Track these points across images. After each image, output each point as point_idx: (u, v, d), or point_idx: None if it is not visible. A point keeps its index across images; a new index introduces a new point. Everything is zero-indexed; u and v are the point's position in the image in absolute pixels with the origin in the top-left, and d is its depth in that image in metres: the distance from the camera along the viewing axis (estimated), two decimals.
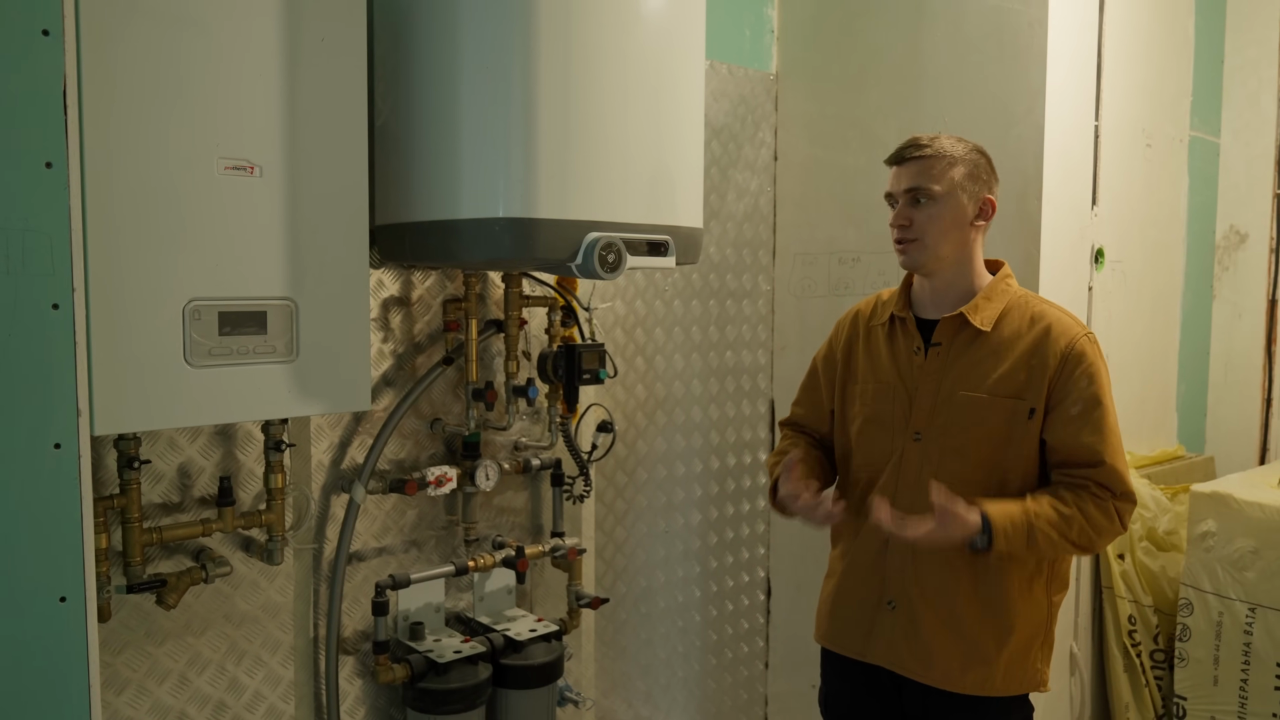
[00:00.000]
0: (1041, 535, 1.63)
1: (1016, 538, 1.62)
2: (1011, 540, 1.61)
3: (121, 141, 1.47)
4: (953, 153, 1.72)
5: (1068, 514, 1.64)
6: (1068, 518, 1.64)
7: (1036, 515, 1.63)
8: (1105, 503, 1.66)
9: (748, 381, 2.84)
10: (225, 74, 1.56)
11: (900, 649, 1.75)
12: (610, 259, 1.76)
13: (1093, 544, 1.69)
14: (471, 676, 2.02)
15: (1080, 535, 1.65)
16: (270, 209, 1.62)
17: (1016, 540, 1.62)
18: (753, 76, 2.76)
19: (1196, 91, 3.02)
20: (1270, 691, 2.41)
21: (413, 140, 1.78)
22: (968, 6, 2.39)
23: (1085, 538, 1.66)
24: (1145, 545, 2.65)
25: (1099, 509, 1.66)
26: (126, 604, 1.75)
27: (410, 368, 2.10)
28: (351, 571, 2.05)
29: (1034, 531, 1.62)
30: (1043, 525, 1.63)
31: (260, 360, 1.63)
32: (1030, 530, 1.62)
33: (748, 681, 2.91)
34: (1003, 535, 1.61)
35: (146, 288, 1.51)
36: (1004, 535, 1.61)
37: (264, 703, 1.94)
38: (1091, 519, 1.65)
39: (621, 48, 1.78)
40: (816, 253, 2.76)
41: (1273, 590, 2.39)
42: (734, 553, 2.84)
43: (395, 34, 1.82)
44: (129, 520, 1.68)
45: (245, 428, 1.87)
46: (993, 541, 1.61)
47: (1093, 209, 2.51)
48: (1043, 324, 1.72)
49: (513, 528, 2.31)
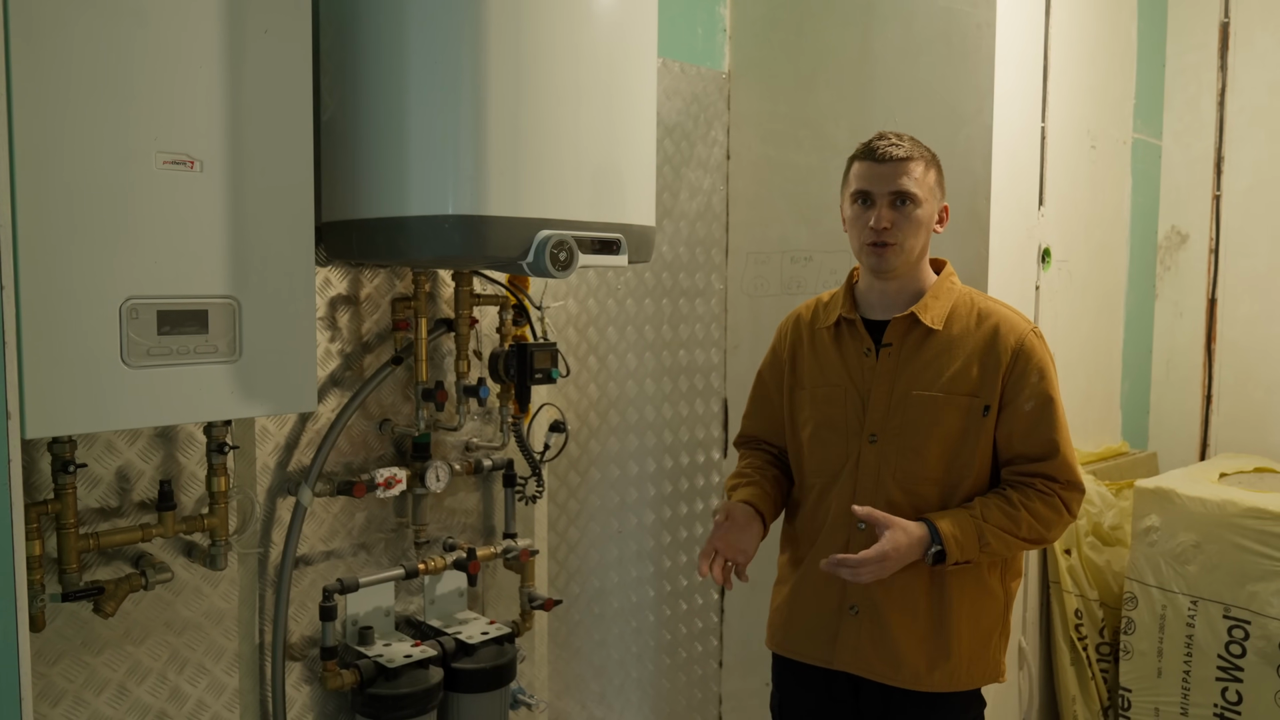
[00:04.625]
0: (993, 537, 1.66)
1: (969, 544, 1.65)
2: (964, 548, 1.64)
3: (54, 134, 1.42)
4: (926, 155, 1.74)
5: (1014, 514, 1.67)
6: (1015, 518, 1.67)
7: (984, 519, 1.66)
8: (1051, 497, 1.69)
9: (700, 380, 2.84)
10: (164, 65, 1.51)
11: (867, 653, 1.75)
12: (562, 257, 1.75)
13: (1043, 538, 1.72)
14: (422, 681, 1.99)
15: (1030, 531, 1.68)
16: (211, 205, 1.57)
17: (969, 547, 1.65)
18: (705, 75, 2.75)
19: (1139, 94, 3.08)
20: (1211, 682, 2.47)
21: (360, 135, 1.75)
22: (917, 8, 2.41)
23: (1035, 533, 1.69)
24: (1091, 540, 2.69)
25: (1044, 504, 1.69)
26: (62, 612, 1.70)
27: (358, 368, 2.06)
28: (298, 576, 2.01)
29: (984, 534, 1.65)
30: (992, 528, 1.66)
31: (201, 360, 1.58)
32: (980, 534, 1.65)
33: (702, 680, 2.91)
34: (954, 543, 1.64)
35: (81, 285, 1.46)
36: (955, 543, 1.64)
37: (207, 711, 1.90)
38: (1038, 515, 1.68)
39: (574, 44, 1.76)
40: (769, 251, 2.77)
41: (1214, 583, 2.45)
42: (687, 552, 2.84)
43: (342, 26, 1.78)
44: (64, 526, 1.63)
45: (187, 430, 1.82)
46: (945, 553, 1.64)
47: (1040, 209, 2.55)
48: (991, 321, 1.74)
49: (464, 529, 2.28)
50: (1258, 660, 2.39)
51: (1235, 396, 3.20)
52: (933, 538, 1.64)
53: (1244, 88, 3.15)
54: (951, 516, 1.66)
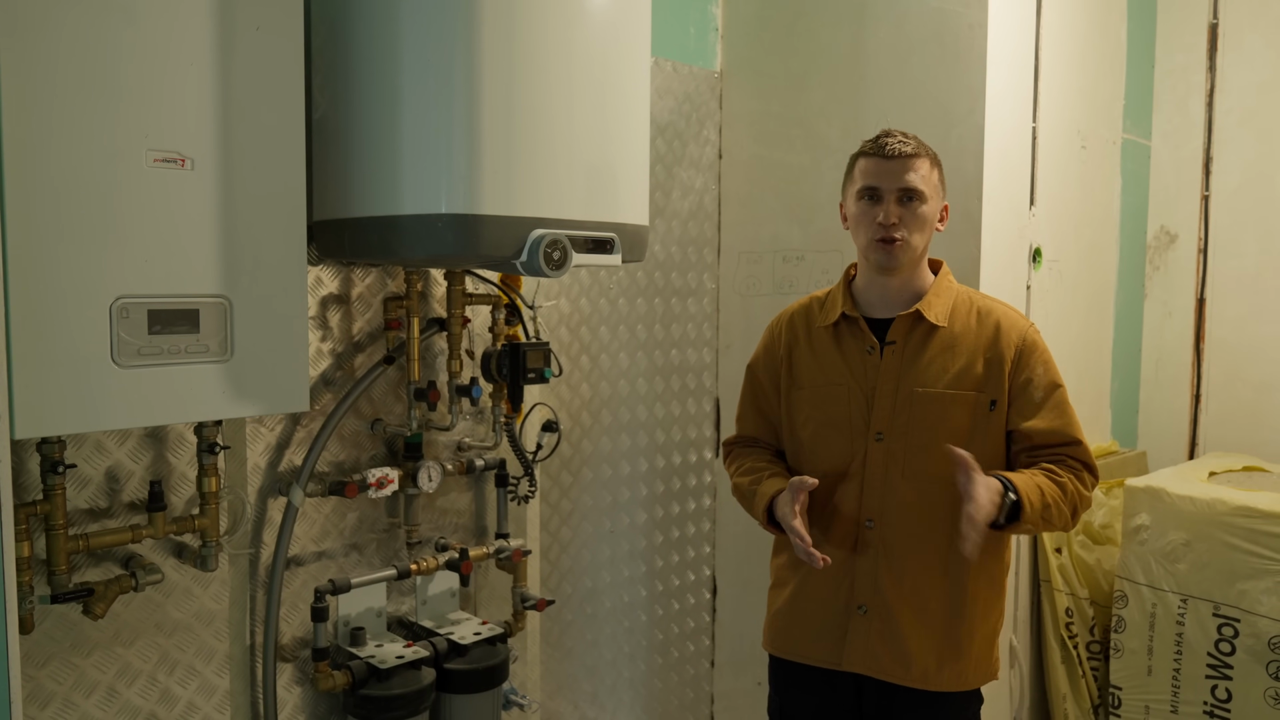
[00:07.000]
0: (1052, 502, 1.64)
1: (1035, 501, 1.61)
2: (1033, 504, 1.61)
3: (43, 132, 1.41)
4: (931, 154, 1.75)
5: (1062, 483, 1.67)
6: (1063, 486, 1.67)
7: (1044, 485, 1.64)
8: (1083, 475, 1.71)
9: (693, 380, 2.83)
10: (154, 62, 1.50)
11: (878, 653, 1.74)
12: (556, 256, 1.74)
13: (1078, 515, 1.71)
14: (414, 682, 1.99)
15: (1070, 502, 1.68)
16: (202, 203, 1.56)
17: (1037, 508, 1.61)
18: (697, 74, 2.75)
19: (1129, 95, 3.09)
20: (1201, 680, 2.48)
21: (352, 133, 1.74)
22: (910, 8, 2.41)
23: (1073, 504, 1.69)
24: (1081, 539, 2.70)
25: (1081, 482, 1.70)
26: (51, 614, 1.68)
27: (350, 367, 2.05)
28: (290, 577, 2.00)
29: (1045, 496, 1.63)
30: (1051, 493, 1.64)
31: (192, 360, 1.57)
32: (1042, 495, 1.63)
33: (694, 680, 2.91)
34: (1026, 499, 1.61)
35: (71, 285, 1.44)
36: (1027, 499, 1.61)
37: (198, 713, 1.88)
38: (1079, 490, 1.69)
39: (567, 42, 1.76)
40: (761, 251, 2.77)
41: (1203, 581, 2.46)
42: (680, 551, 2.84)
43: (334, 23, 1.77)
44: (53, 527, 1.61)
45: (177, 430, 1.81)
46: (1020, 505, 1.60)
47: (1031, 209, 2.55)
48: (992, 318, 1.75)
49: (456, 529, 2.27)
50: (1247, 658, 2.40)
51: (1224, 395, 3.21)
52: (1006, 487, 1.61)
53: (1233, 89, 3.17)
54: (1021, 476, 1.64)
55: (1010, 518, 1.61)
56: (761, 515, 1.79)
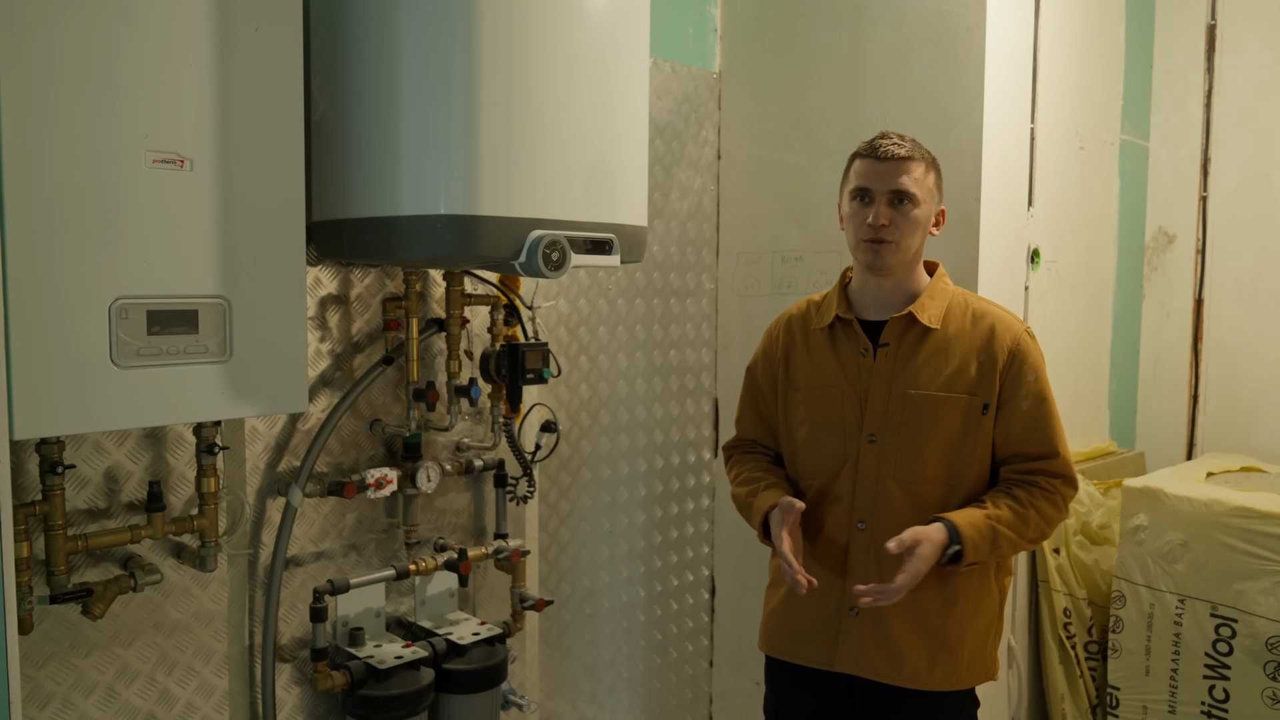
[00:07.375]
0: (1004, 539, 1.66)
1: (984, 545, 1.65)
2: (979, 548, 1.65)
3: (42, 133, 1.40)
4: (927, 158, 1.75)
5: (1024, 514, 1.68)
6: (1025, 518, 1.68)
7: (998, 520, 1.66)
8: (1054, 494, 1.71)
9: (691, 380, 2.84)
10: (152, 62, 1.50)
11: (870, 654, 1.75)
12: (555, 257, 1.74)
13: (1044, 536, 1.74)
14: (413, 682, 1.99)
15: (1035, 531, 1.70)
16: (202, 203, 1.56)
17: (983, 548, 1.65)
18: (696, 75, 2.75)
19: (1127, 96, 3.10)
20: (1199, 680, 2.48)
21: (351, 134, 1.74)
22: (908, 9, 2.42)
23: (1039, 532, 1.71)
24: (1079, 539, 2.71)
25: (1049, 502, 1.71)
26: (50, 615, 1.68)
27: (349, 368, 2.05)
28: (289, 577, 2.00)
29: (997, 536, 1.66)
30: (1004, 529, 1.66)
31: (191, 360, 1.57)
32: (995, 535, 1.66)
33: (692, 680, 2.91)
34: (971, 545, 1.64)
35: (70, 285, 1.44)
36: (972, 545, 1.64)
37: (197, 713, 1.88)
38: (1044, 514, 1.70)
39: (565, 43, 1.76)
40: (759, 251, 2.77)
41: (1201, 582, 2.47)
42: (678, 551, 2.84)
43: (333, 23, 1.77)
44: (52, 527, 1.61)
45: (176, 430, 1.81)
46: (963, 553, 1.64)
47: (1029, 210, 2.56)
48: (986, 321, 1.75)
49: (455, 530, 2.27)
50: (1244, 658, 2.40)
51: (1222, 396, 3.22)
52: (951, 538, 1.64)
53: (1230, 90, 3.17)
54: (967, 516, 1.66)
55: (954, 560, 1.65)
56: (758, 529, 1.82)
